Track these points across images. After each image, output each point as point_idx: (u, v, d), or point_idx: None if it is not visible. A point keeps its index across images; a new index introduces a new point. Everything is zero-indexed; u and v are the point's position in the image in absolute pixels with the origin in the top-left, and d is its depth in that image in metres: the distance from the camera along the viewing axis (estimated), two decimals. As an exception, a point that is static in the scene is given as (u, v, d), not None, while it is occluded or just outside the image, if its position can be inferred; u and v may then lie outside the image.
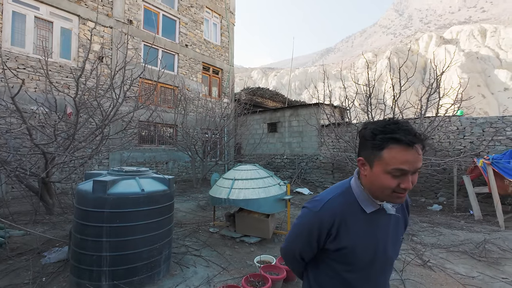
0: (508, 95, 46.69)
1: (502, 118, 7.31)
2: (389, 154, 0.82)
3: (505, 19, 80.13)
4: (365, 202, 0.95)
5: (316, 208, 0.97)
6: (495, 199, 5.60)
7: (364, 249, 0.95)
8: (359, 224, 0.95)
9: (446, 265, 3.68)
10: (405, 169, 0.81)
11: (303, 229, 1.01)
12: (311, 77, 70.28)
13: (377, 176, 0.86)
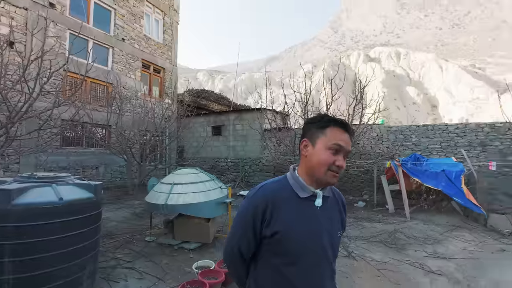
0: (415, 108, 56.43)
1: (409, 127, 8.79)
2: (331, 131, 0.98)
3: (414, 45, 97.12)
4: (299, 189, 1.00)
5: (250, 194, 1.03)
6: (404, 195, 6.69)
7: (297, 234, 0.96)
8: (292, 209, 0.98)
9: (366, 254, 4.22)
10: (342, 145, 0.96)
11: (240, 218, 1.04)
12: (256, 82, 72.44)
13: (319, 151, 0.97)
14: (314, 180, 1.00)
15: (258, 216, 0.98)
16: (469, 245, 4.66)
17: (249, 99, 63.20)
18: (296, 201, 0.99)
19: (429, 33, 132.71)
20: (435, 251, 4.40)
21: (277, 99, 12.67)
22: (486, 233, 5.41)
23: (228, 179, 11.22)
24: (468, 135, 8.28)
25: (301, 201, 0.99)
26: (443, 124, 8.71)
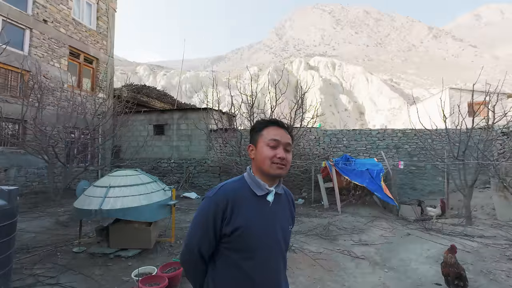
0: (347, 114, 63.40)
1: (341, 131, 9.88)
2: (267, 131, 1.10)
3: (346, 58, 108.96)
4: (256, 187, 1.07)
5: (211, 194, 1.07)
6: (336, 192, 7.49)
7: (256, 230, 1.02)
8: (251, 206, 1.04)
9: (304, 247, 4.60)
10: (278, 139, 1.08)
11: (201, 218, 1.06)
12: (202, 81, 70.84)
13: (260, 149, 1.09)
14: (265, 176, 1.09)
15: (218, 215, 1.01)
16: (385, 232, 5.51)
17: (195, 98, 61.32)
18: (254, 199, 1.06)
19: (358, 49, 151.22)
20: (360, 239, 5.08)
21: (223, 100, 12.65)
22: (397, 221, 6.47)
23: (171, 180, 10.71)
24: (386, 139, 9.76)
25: (258, 199, 1.07)
26: (368, 129, 10.07)
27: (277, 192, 1.12)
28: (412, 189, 9.38)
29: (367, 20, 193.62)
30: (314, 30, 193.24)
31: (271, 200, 1.08)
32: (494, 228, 5.71)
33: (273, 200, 1.09)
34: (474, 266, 3.70)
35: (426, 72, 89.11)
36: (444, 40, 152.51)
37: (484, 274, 3.45)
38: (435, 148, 7.62)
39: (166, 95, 15.76)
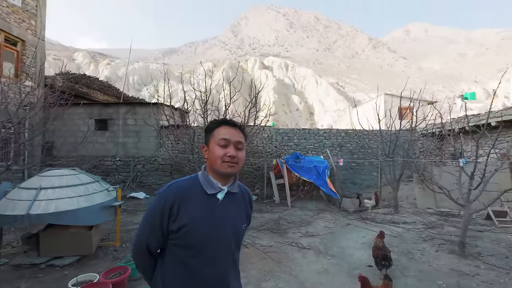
0: (298, 114, 66.69)
1: (292, 130, 10.39)
2: (217, 131, 1.13)
3: (298, 60, 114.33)
4: (207, 185, 1.10)
5: (160, 191, 1.08)
6: (286, 187, 7.89)
7: (202, 227, 1.04)
8: (199, 203, 1.06)
9: (256, 241, 4.76)
10: (227, 137, 1.10)
11: (149, 214, 1.08)
12: (152, 74, 66.46)
13: (212, 149, 1.11)
14: (218, 174, 1.12)
15: (165, 212, 1.03)
16: (329, 223, 6.03)
17: (144, 92, 57.27)
18: (204, 197, 1.08)
19: (309, 52, 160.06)
20: (307, 231, 5.46)
21: (175, 95, 12.12)
22: (340, 213, 7.13)
23: (116, 180, 9.89)
24: (332, 138, 10.61)
25: (209, 197, 1.09)
26: (316, 129, 10.81)
27: (230, 191, 1.14)
28: (352, 184, 10.41)
29: (317, 26, 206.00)
30: (269, 31, 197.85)
31: (220, 198, 1.10)
32: (415, 215, 6.72)
33: (224, 198, 1.11)
34: (398, 248, 4.32)
35: (366, 78, 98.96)
36: (381, 50, 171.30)
37: (405, 254, 4.06)
38: (372, 146, 8.59)
39: (110, 87, 14.38)
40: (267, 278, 3.41)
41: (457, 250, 4.04)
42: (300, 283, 3.29)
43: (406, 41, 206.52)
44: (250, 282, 3.27)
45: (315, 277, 3.46)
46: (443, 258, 3.89)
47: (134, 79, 65.66)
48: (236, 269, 1.18)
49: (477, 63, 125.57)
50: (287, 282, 3.32)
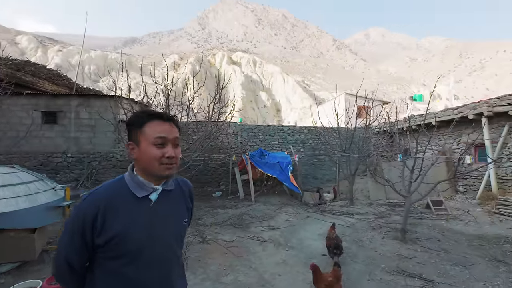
0: (266, 110, 67.54)
1: (257, 126, 10.53)
2: (149, 128, 0.97)
3: (266, 57, 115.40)
4: (136, 188, 0.97)
5: (79, 204, 0.95)
6: (251, 183, 8.00)
7: (135, 234, 0.94)
8: (130, 210, 0.95)
9: (218, 237, 4.78)
10: (164, 136, 0.97)
11: (67, 230, 0.95)
12: (111, 64, 61.84)
13: (145, 150, 0.96)
14: (152, 176, 1.00)
15: (87, 227, 0.91)
16: (290, 216, 6.28)
17: (101, 83, 53.08)
18: (133, 201, 0.97)
19: (277, 49, 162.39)
20: (269, 224, 5.63)
21: (137, 87, 11.46)
22: (301, 206, 7.45)
23: (68, 178, 9.10)
24: (295, 135, 10.97)
25: (140, 200, 0.97)
26: (280, 126, 11.08)
27: (165, 189, 1.05)
28: (314, 178, 10.92)
29: (285, 24, 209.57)
30: (237, 26, 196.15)
31: (154, 199, 1.00)
32: (368, 206, 7.31)
33: (159, 197, 1.02)
34: (350, 237, 4.68)
35: (330, 78, 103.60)
36: (344, 52, 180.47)
37: (355, 242, 4.41)
38: (331, 143, 9.08)
39: (61, 77, 13.07)
40: (227, 272, 3.46)
41: (400, 236, 4.51)
42: (259, 275, 3.40)
43: (366, 44, 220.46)
44: (209, 278, 3.29)
45: (274, 268, 3.60)
46: (387, 244, 4.31)
47: (90, 69, 60.46)
48: (180, 267, 1.12)
49: (425, 68, 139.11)
50: (246, 275, 3.40)
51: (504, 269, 3.39)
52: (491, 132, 7.20)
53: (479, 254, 3.90)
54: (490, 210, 6.29)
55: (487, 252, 3.95)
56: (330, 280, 2.62)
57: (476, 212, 6.31)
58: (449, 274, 3.28)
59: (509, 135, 6.83)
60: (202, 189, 9.62)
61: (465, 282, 3.08)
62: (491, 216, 5.97)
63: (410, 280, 3.12)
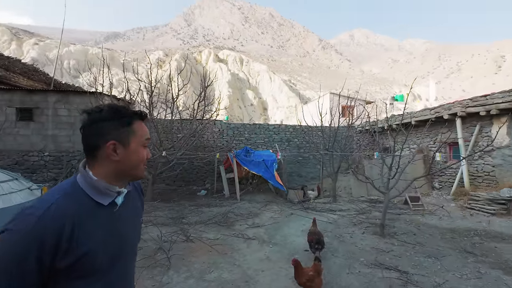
0: (252, 109, 67.60)
1: (243, 124, 10.55)
2: (138, 127, 0.88)
3: (253, 55, 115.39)
4: (99, 195, 0.83)
5: (29, 226, 0.71)
6: (236, 181, 8.03)
7: (109, 247, 0.83)
8: (97, 221, 0.82)
9: (203, 235, 4.77)
10: (149, 137, 0.93)
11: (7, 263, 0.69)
12: (92, 59, 59.61)
13: (135, 151, 0.87)
14: (126, 179, 0.91)
15: (46, 249, 0.71)
16: (275, 214, 6.36)
17: (82, 79, 51.10)
18: (98, 210, 0.83)
19: (264, 48, 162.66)
20: (254, 222, 5.68)
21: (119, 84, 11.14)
22: (285, 204, 7.56)
23: (45, 177, 8.74)
24: (281, 133, 11.09)
25: (105, 208, 0.85)
26: (266, 124, 11.16)
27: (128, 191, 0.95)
28: (299, 176, 11.09)
29: (272, 23, 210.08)
30: (224, 23, 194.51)
31: (120, 203, 0.88)
32: (350, 203, 7.53)
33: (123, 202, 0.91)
34: (332, 232, 4.82)
35: (316, 77, 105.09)
36: (329, 52, 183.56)
37: (337, 238, 4.55)
38: (315, 141, 9.26)
39: (37, 71, 12.49)
40: (211, 270, 3.48)
41: (379, 231, 4.69)
42: (243, 272, 3.44)
43: (351, 45, 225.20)
44: (193, 276, 3.30)
45: (257, 264, 3.65)
46: (367, 239, 4.48)
47: (70, 64, 58.05)
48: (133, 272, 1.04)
49: (406, 69, 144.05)
50: (230, 271, 3.44)
51: (472, 260, 3.62)
52: (464, 131, 7.61)
53: (450, 246, 4.13)
54: (462, 205, 6.66)
55: (458, 245, 4.20)
56: (311, 274, 2.70)
57: (450, 207, 6.66)
58: (423, 265, 3.47)
59: (480, 134, 7.25)
60: (187, 187, 9.54)
61: (436, 272, 3.26)
62: (463, 211, 6.32)
63: (387, 272, 3.27)
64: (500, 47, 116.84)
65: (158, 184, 9.14)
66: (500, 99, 6.53)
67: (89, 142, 0.84)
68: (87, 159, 0.87)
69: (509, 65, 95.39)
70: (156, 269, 3.45)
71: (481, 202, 6.24)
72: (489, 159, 7.09)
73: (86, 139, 0.85)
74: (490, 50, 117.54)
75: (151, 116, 6.93)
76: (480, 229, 4.97)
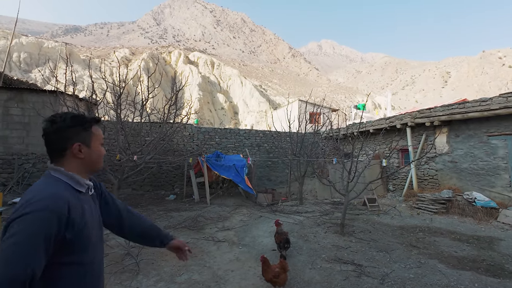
0: (223, 112, 67.35)
1: (214, 129, 10.61)
2: (96, 130, 1.12)
3: (224, 59, 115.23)
4: (77, 185, 1.04)
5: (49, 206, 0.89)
6: (206, 185, 8.06)
7: (94, 224, 1.07)
8: (81, 204, 1.02)
9: (172, 240, 4.77)
10: (103, 137, 1.17)
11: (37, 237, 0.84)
12: (48, 53, 54.78)
13: (96, 149, 1.11)
14: (89, 173, 1.13)
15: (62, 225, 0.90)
16: (244, 217, 6.54)
17: (35, 75, 46.63)
18: (80, 196, 1.04)
19: (235, 52, 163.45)
20: (224, 225, 5.80)
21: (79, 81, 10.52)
22: (255, 207, 7.78)
23: (-9, 183, 7.93)
24: (251, 138, 11.35)
25: (84, 196, 1.07)
26: (237, 129, 11.34)
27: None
28: (268, 180, 11.42)
29: (244, 28, 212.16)
30: (195, 25, 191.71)
31: (92, 191, 1.14)
32: (315, 205, 7.99)
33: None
34: (297, 233, 5.13)
35: (286, 84, 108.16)
36: (299, 60, 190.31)
37: (302, 237, 4.88)
38: (284, 147, 9.67)
39: (-17, 65, 11.26)
40: (181, 272, 3.54)
41: (339, 230, 5.12)
42: (213, 273, 3.56)
43: (319, 55, 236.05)
44: (163, 279, 3.33)
45: (227, 265, 3.79)
46: (328, 238, 4.86)
47: (20, 57, 52.64)
48: None
49: (368, 80, 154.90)
50: (200, 273, 3.53)
51: (416, 252, 4.16)
52: (413, 139, 8.56)
53: (399, 241, 4.68)
54: (411, 205, 7.47)
55: (405, 240, 4.77)
56: (277, 270, 2.93)
57: (401, 207, 7.43)
58: (375, 258, 3.90)
59: (426, 142, 8.22)
60: (155, 192, 9.31)
61: (385, 264, 3.71)
62: (412, 210, 7.10)
63: (344, 266, 3.63)
64: (447, 64, 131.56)
65: (124, 189, 8.78)
66: (441, 112, 7.51)
67: (57, 146, 1.04)
68: (54, 160, 1.05)
69: (454, 80, 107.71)
70: (125, 274, 3.42)
71: (426, 202, 7.07)
72: (433, 164, 8.06)
73: (53, 143, 1.04)
74: (438, 66, 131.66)
75: (119, 118, 6.71)
76: (424, 226, 5.66)
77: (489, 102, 6.46)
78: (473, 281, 3.24)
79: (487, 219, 5.92)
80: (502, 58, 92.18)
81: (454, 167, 7.54)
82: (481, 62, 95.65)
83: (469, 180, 7.14)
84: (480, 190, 6.79)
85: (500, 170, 6.51)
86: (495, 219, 5.92)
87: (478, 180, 6.94)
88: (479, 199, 6.33)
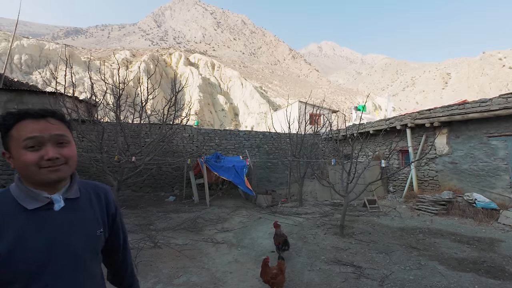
0: (224, 114, 67.41)
1: (214, 130, 10.61)
2: (17, 130, 0.83)
3: (225, 61, 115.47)
4: (25, 199, 0.84)
5: None
6: (206, 187, 8.05)
7: (32, 254, 0.82)
8: (19, 225, 0.82)
9: (171, 241, 4.76)
10: (37, 135, 0.83)
11: None
12: (49, 55, 55.00)
13: (18, 157, 0.83)
14: (39, 184, 0.87)
15: None
16: (244, 218, 6.53)
17: (36, 77, 46.79)
18: (24, 215, 0.84)
19: (235, 54, 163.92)
20: (223, 227, 5.78)
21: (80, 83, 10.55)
22: (254, 208, 7.76)
23: (-9, 184, 7.94)
24: (251, 139, 11.34)
25: (33, 213, 0.85)
26: (236, 130, 11.35)
27: (68, 198, 0.92)
28: (268, 181, 11.40)
29: (244, 30, 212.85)
30: (196, 27, 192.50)
31: (57, 209, 0.88)
32: (315, 206, 7.96)
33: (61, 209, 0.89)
34: (297, 234, 5.11)
35: (286, 85, 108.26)
36: (299, 61, 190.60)
37: (301, 239, 4.85)
38: (283, 148, 9.66)
39: (-16, 67, 11.32)
40: (180, 274, 3.53)
41: (339, 231, 5.09)
42: (211, 274, 3.54)
43: (319, 56, 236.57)
44: (161, 281, 3.32)
45: (226, 267, 3.77)
46: (328, 239, 4.84)
47: (22, 59, 52.84)
48: (96, 283, 0.98)
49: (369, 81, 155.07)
50: (199, 275, 3.52)
51: (415, 254, 4.14)
52: (413, 140, 8.54)
53: (399, 243, 4.65)
54: (412, 206, 7.43)
55: (405, 241, 4.74)
56: (275, 272, 2.91)
57: (401, 209, 7.40)
58: (374, 260, 3.87)
59: (426, 143, 8.20)
60: (154, 193, 9.30)
61: (385, 265, 3.68)
62: (412, 212, 7.07)
63: (344, 268, 3.60)
64: (447, 65, 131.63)
65: (123, 191, 8.78)
66: (441, 113, 7.49)
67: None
68: None
69: (454, 81, 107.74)
70: (122, 276, 3.40)
71: (426, 203, 7.04)
72: (433, 165, 8.03)
73: None
74: (438, 68, 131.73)
75: (118, 119, 6.72)
76: (424, 227, 5.63)
77: (489, 103, 6.44)
78: (473, 283, 3.21)
79: (488, 220, 5.89)
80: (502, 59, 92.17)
81: (454, 168, 7.52)
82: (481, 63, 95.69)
83: (470, 181, 7.11)
84: (480, 191, 6.76)
85: (500, 171, 6.49)
86: (496, 220, 5.88)
87: (479, 181, 6.91)
88: (480, 200, 6.30)
